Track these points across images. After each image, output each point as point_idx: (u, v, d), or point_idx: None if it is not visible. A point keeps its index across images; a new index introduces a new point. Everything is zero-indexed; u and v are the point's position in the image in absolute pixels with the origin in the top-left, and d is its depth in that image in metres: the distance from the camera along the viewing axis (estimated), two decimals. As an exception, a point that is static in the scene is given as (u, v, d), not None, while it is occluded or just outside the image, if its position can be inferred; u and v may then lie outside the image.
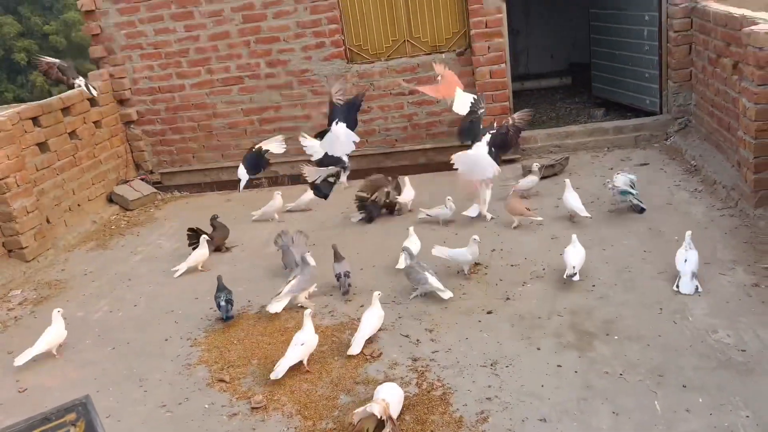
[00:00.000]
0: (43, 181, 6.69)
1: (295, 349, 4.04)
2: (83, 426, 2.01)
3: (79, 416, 2.02)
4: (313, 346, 4.11)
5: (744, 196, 5.30)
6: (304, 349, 4.05)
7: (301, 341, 4.06)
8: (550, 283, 4.72)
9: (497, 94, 7.43)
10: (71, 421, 2.01)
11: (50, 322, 4.66)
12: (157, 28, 7.81)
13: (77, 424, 2.01)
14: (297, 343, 4.06)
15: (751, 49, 4.88)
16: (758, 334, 3.79)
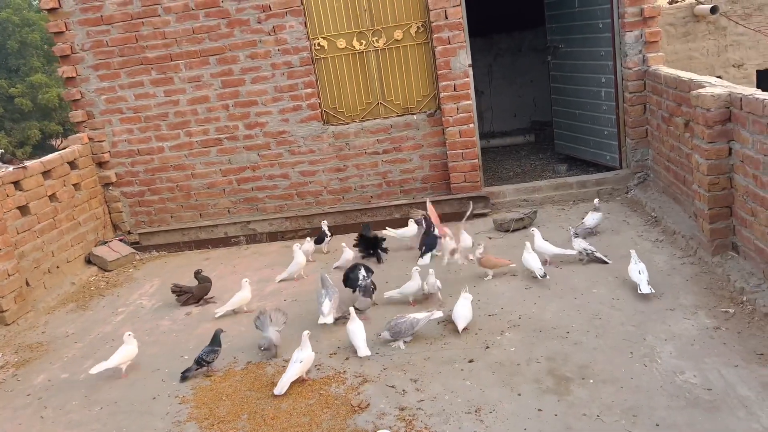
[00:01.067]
0: (23, 243, 6.74)
1: (294, 366, 4.58)
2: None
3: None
4: (310, 362, 4.68)
5: (702, 244, 5.67)
6: (302, 365, 4.58)
7: (300, 359, 4.59)
8: (526, 331, 4.95)
9: (466, 152, 7.80)
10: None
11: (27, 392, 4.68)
12: (137, 93, 8.05)
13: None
14: (296, 360, 4.59)
15: (700, 110, 5.33)
16: (722, 373, 4.06)
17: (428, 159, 8.01)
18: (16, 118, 30.73)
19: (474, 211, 7.81)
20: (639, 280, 5.24)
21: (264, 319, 5.19)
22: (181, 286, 6.47)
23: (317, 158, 8.07)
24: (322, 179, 8.15)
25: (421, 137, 7.95)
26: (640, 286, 5.20)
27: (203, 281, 6.42)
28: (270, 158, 8.13)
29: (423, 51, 7.80)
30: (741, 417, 3.64)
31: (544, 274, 5.73)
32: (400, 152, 8.01)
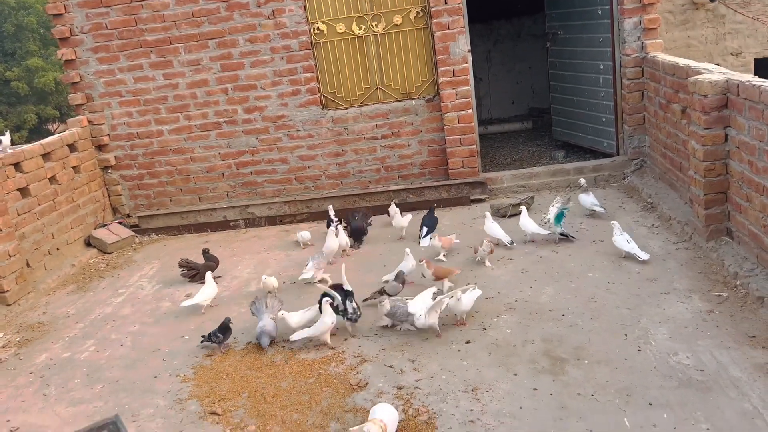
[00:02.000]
0: (23, 225, 6.77)
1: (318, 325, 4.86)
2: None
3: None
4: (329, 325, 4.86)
5: (697, 230, 5.74)
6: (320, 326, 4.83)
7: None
8: (522, 313, 5.02)
9: (464, 138, 7.84)
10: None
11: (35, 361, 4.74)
12: (136, 76, 8.06)
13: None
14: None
15: (697, 96, 5.37)
16: (715, 355, 4.14)
17: (426, 144, 8.05)
18: (12, 102, 30.61)
19: (471, 197, 7.90)
20: (632, 249, 5.50)
21: (259, 306, 5.15)
22: (189, 261, 6.57)
23: (316, 143, 8.11)
24: (321, 164, 8.18)
25: (420, 123, 7.98)
26: (637, 254, 5.47)
27: (210, 259, 6.52)
28: (269, 142, 8.15)
29: (422, 36, 7.82)
30: (732, 397, 3.72)
31: (511, 241, 6.23)
32: (398, 137, 8.04)
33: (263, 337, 4.92)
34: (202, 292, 5.81)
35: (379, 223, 7.40)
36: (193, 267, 6.53)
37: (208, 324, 5.55)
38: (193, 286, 6.40)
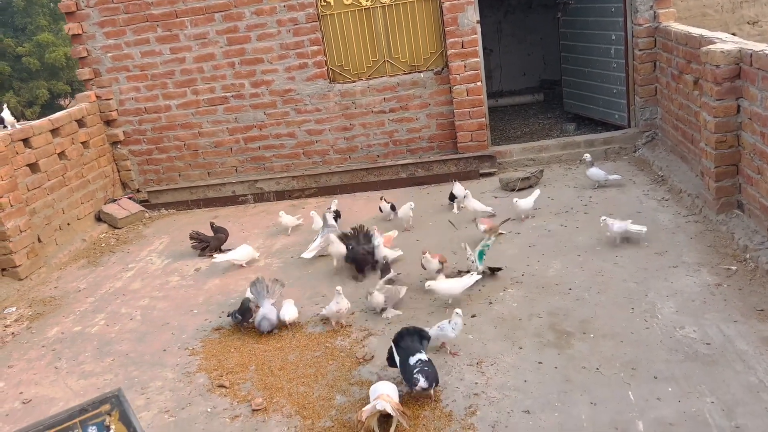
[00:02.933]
0: (34, 200, 6.83)
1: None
2: (117, 415, 2.22)
3: (113, 407, 2.23)
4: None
5: (707, 203, 5.67)
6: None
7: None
8: (529, 287, 5.01)
9: (473, 111, 7.76)
10: (106, 411, 2.22)
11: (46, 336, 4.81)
12: (143, 50, 8.03)
13: (112, 414, 2.22)
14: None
15: (709, 66, 5.27)
16: (721, 329, 4.11)
17: (435, 118, 7.98)
18: (24, 78, 30.68)
19: (480, 171, 7.85)
20: (629, 226, 5.39)
21: (260, 289, 5.03)
22: (199, 233, 6.61)
23: (323, 117, 8.06)
24: (329, 138, 8.15)
25: (428, 96, 7.91)
26: (640, 231, 5.35)
27: (218, 231, 6.59)
28: (276, 117, 8.12)
29: (430, 7, 7.70)
30: (738, 370, 3.71)
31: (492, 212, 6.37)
32: (406, 111, 7.98)
33: (264, 322, 4.83)
34: (237, 251, 6.17)
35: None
36: (204, 239, 6.58)
37: (217, 298, 5.61)
38: (203, 260, 6.44)
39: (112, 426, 2.18)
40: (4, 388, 4.64)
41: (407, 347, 3.91)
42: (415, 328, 4.07)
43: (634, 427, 3.40)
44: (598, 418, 3.50)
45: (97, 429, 2.18)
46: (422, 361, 3.79)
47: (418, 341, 3.97)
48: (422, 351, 3.89)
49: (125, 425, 2.20)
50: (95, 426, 2.17)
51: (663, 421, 3.40)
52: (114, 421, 2.19)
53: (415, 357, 3.82)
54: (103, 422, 2.19)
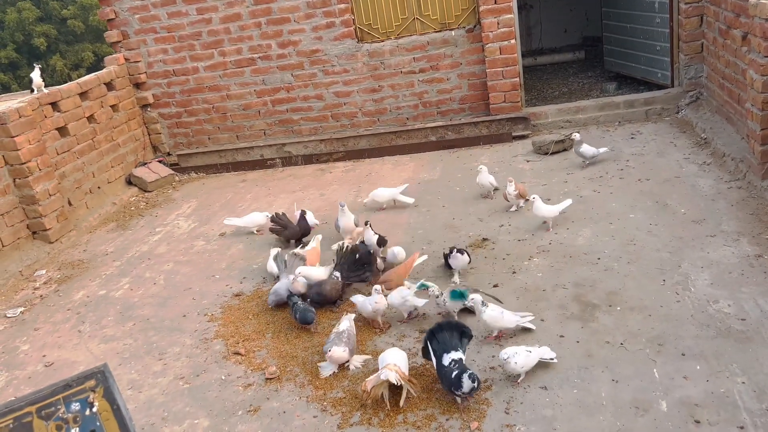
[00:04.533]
0: (63, 164, 6.89)
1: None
2: (102, 391, 2.17)
3: (98, 383, 2.18)
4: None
5: (752, 168, 5.32)
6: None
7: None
8: (556, 257, 4.81)
9: (507, 71, 7.45)
10: (91, 387, 2.17)
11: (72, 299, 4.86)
12: (169, 11, 7.93)
13: (96, 390, 2.16)
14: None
15: (758, 20, 4.87)
16: (758, 303, 3.86)
17: (466, 78, 7.70)
18: (70, 41, 31.13)
19: (513, 133, 7.58)
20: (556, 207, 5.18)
21: (279, 264, 4.90)
22: (281, 217, 5.77)
23: (351, 78, 7.87)
24: (357, 100, 7.96)
25: (460, 55, 7.61)
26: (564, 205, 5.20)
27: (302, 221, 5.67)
28: (304, 78, 7.96)
29: (462, -39, 7.36)
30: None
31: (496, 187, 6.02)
32: (437, 71, 7.71)
33: (271, 296, 4.73)
34: (248, 217, 6.11)
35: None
36: (282, 225, 5.74)
37: (239, 263, 5.58)
38: (228, 225, 6.39)
39: (96, 402, 2.13)
40: (29, 351, 4.72)
41: (443, 342, 3.51)
42: (456, 323, 3.63)
43: (656, 407, 3.22)
44: (618, 396, 3.34)
45: (80, 405, 2.13)
46: (456, 360, 3.40)
47: (457, 338, 3.54)
48: (459, 349, 3.48)
49: (109, 402, 2.14)
50: (78, 402, 2.13)
51: (688, 402, 3.22)
52: (98, 398, 2.14)
53: (449, 355, 3.43)
54: (86, 398, 2.14)
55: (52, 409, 2.10)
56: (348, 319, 4.13)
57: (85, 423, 2.10)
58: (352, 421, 3.49)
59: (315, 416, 3.58)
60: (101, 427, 2.10)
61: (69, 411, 2.11)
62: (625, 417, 3.20)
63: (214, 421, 3.68)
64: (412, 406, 3.50)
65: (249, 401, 3.79)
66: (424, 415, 3.42)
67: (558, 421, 3.25)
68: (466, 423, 3.32)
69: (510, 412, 3.36)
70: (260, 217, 6.11)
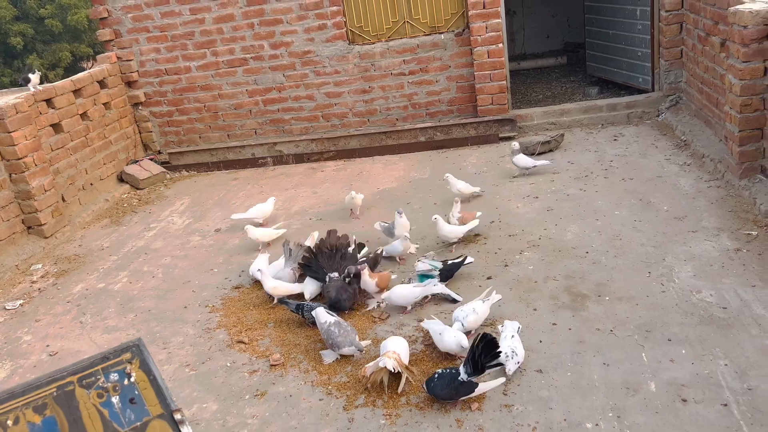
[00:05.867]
0: (57, 160, 6.94)
1: None
2: (138, 363, 2.30)
3: (133, 355, 2.31)
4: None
5: (730, 168, 5.59)
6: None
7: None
8: (546, 250, 5.01)
9: (494, 74, 7.67)
10: (127, 359, 2.30)
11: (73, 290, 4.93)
12: (163, 11, 8.01)
13: (132, 362, 2.30)
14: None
15: (737, 27, 5.13)
16: (738, 293, 4.10)
17: (455, 80, 7.90)
18: (47, 40, 30.75)
19: (500, 135, 7.79)
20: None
21: (285, 251, 5.04)
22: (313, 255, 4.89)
23: (342, 79, 8.03)
24: (348, 101, 8.12)
25: (448, 58, 7.82)
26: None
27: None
28: (295, 79, 8.10)
29: (452, -33, 7.57)
30: (754, 334, 3.70)
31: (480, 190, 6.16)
32: (426, 73, 7.91)
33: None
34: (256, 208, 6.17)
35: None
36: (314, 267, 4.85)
37: (237, 258, 5.69)
38: (223, 220, 6.50)
39: (133, 373, 2.26)
40: (32, 341, 4.79)
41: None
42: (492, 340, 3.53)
43: (645, 387, 3.43)
44: (610, 378, 3.54)
45: (118, 376, 2.25)
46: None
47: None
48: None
49: (145, 372, 2.27)
50: (117, 373, 2.25)
51: (675, 382, 3.43)
52: (135, 369, 2.27)
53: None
54: (124, 370, 2.26)
55: (92, 378, 2.22)
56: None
57: (125, 392, 2.23)
58: (357, 403, 3.64)
59: (321, 399, 3.72)
60: (140, 395, 2.23)
61: (108, 381, 2.24)
62: (617, 397, 3.40)
63: (222, 405, 3.80)
64: (414, 388, 3.66)
65: (255, 386, 3.92)
66: (426, 396, 3.58)
67: (554, 401, 3.44)
68: (467, 404, 3.49)
69: (508, 394, 3.54)
70: (268, 207, 6.18)
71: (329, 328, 4.08)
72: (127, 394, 2.23)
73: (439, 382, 3.48)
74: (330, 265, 4.75)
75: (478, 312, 4.10)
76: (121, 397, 2.22)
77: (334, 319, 4.13)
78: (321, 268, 4.74)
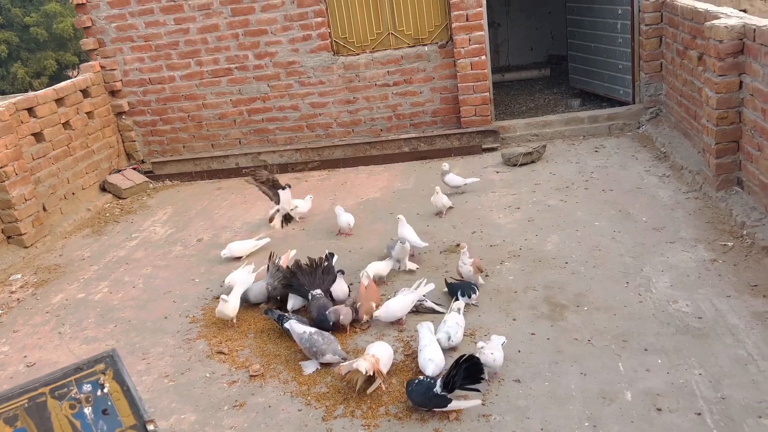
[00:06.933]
0: (39, 170, 6.90)
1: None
2: (111, 374, 2.29)
3: (107, 366, 2.30)
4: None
5: (707, 179, 5.67)
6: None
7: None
8: (526, 261, 5.05)
9: (477, 85, 7.74)
10: (101, 370, 2.29)
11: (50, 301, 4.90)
12: (147, 20, 8.02)
13: (106, 373, 2.29)
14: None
15: (713, 41, 5.23)
16: (714, 303, 4.15)
17: (439, 92, 7.96)
18: (32, 48, 30.62)
19: (483, 146, 7.86)
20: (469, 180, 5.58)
21: (270, 264, 4.95)
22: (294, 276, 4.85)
23: (327, 90, 8.06)
24: (332, 111, 8.15)
25: (432, 69, 7.88)
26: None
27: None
28: (280, 89, 8.12)
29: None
30: (728, 344, 3.75)
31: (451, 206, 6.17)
32: (410, 84, 7.96)
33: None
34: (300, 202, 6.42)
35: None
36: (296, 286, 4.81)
37: (219, 268, 5.68)
38: (205, 230, 6.50)
39: (107, 384, 2.25)
40: (9, 352, 4.75)
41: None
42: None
43: (621, 397, 3.46)
44: (587, 388, 3.57)
45: (91, 387, 2.24)
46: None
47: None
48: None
49: (119, 383, 2.26)
50: (90, 384, 2.24)
51: (651, 392, 3.46)
52: (108, 380, 2.26)
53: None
54: (97, 380, 2.25)
55: (64, 390, 2.21)
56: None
57: (98, 403, 2.22)
58: (336, 413, 3.64)
59: (299, 410, 3.72)
60: (113, 406, 2.23)
61: (81, 392, 2.23)
62: (593, 406, 3.43)
63: (201, 416, 3.79)
64: (393, 398, 3.67)
65: (234, 397, 3.91)
66: (405, 406, 3.59)
67: (531, 410, 3.46)
68: (445, 414, 3.50)
69: (486, 404, 3.56)
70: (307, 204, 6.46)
71: (312, 336, 4.08)
72: (99, 405, 2.22)
73: (417, 388, 3.51)
74: (312, 282, 4.75)
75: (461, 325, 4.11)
76: (93, 408, 2.21)
77: (314, 329, 4.14)
78: (302, 285, 4.74)
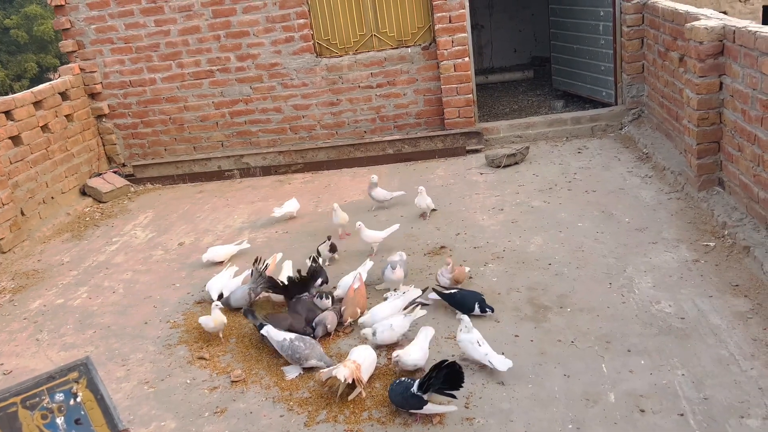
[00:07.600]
0: (16, 174, 6.79)
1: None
2: (85, 382, 2.24)
3: (81, 374, 2.25)
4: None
5: (689, 180, 5.70)
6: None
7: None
8: (510, 262, 5.04)
9: (461, 87, 7.73)
10: (74, 378, 2.24)
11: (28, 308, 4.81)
12: (127, 22, 7.93)
13: (80, 381, 2.23)
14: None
15: (693, 43, 5.25)
16: (696, 303, 4.16)
17: (422, 93, 7.95)
18: (12, 51, 30.27)
19: (467, 147, 7.85)
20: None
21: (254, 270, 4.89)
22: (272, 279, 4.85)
23: (310, 92, 8.02)
24: (316, 113, 8.11)
25: (416, 71, 7.86)
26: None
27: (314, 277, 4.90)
28: (263, 91, 8.07)
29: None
30: (710, 344, 3.76)
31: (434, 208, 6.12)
32: (394, 86, 7.94)
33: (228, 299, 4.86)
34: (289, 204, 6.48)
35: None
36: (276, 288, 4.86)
37: (200, 272, 5.61)
38: (186, 234, 6.42)
39: (80, 393, 2.20)
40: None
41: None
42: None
43: (605, 398, 3.45)
44: (570, 390, 3.55)
45: (64, 396, 2.19)
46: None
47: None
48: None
49: (92, 392, 2.21)
50: (62, 393, 2.19)
51: (634, 393, 3.46)
52: (81, 389, 2.21)
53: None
54: (70, 389, 2.20)
55: (36, 399, 2.16)
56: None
57: (70, 412, 2.17)
58: (319, 419, 3.60)
59: (281, 415, 3.67)
60: (86, 416, 2.17)
61: (53, 401, 2.17)
62: (576, 408, 3.41)
63: (181, 423, 3.73)
64: (377, 402, 3.63)
65: (215, 403, 3.86)
66: (388, 411, 3.56)
67: (515, 413, 3.44)
68: (429, 418, 3.47)
69: (470, 407, 3.53)
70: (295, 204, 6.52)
71: (293, 343, 4.03)
72: (72, 415, 2.17)
73: (396, 388, 3.51)
74: (300, 290, 4.73)
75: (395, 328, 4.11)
76: (66, 418, 2.15)
77: (295, 335, 4.09)
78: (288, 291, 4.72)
